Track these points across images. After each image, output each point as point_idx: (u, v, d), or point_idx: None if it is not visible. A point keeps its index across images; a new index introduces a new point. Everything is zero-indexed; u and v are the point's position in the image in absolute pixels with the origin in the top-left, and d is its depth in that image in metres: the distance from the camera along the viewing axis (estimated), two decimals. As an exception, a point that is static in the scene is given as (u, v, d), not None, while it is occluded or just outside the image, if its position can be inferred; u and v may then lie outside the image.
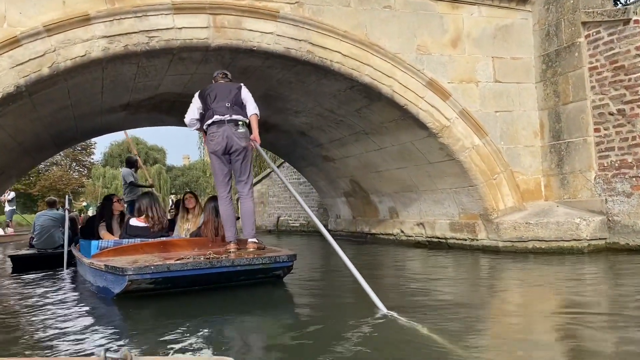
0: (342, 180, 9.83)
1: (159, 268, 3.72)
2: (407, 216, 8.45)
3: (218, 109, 4.74)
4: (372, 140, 7.73)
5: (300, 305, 3.98)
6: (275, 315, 3.47)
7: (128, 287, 3.69)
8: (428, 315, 3.23)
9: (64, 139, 8.45)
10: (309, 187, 13.47)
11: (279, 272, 4.36)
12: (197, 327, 3.03)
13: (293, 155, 10.52)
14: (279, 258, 4.18)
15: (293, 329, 3.08)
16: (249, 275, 4.19)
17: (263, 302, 3.90)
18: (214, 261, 3.87)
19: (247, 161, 4.79)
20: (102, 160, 52.88)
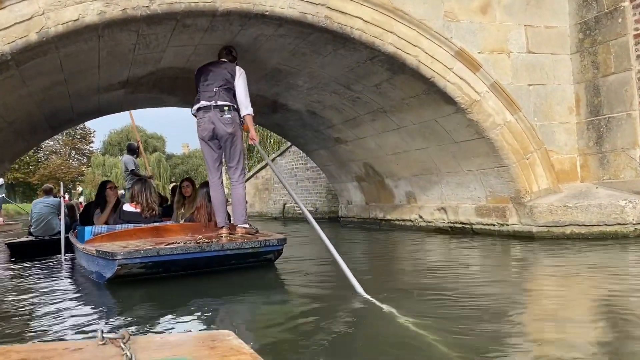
0: (354, 164, 9.29)
1: (148, 252, 3.72)
2: (427, 201, 7.92)
3: (205, 93, 4.69)
4: (391, 119, 7.17)
5: (291, 288, 3.93)
6: (266, 297, 3.46)
7: (119, 271, 3.69)
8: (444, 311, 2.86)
9: (59, 121, 7.88)
10: (316, 172, 12.95)
11: (269, 256, 4.36)
12: (188, 309, 3.06)
13: (302, 138, 9.96)
14: (269, 242, 4.21)
15: (282, 310, 3.10)
16: (239, 260, 4.19)
17: (254, 285, 3.86)
18: (204, 245, 3.89)
19: (236, 147, 4.69)
20: (102, 149, 52.49)
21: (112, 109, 8.70)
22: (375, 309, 2.82)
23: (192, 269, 4.04)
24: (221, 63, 5.05)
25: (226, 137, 4.62)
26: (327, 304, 3.19)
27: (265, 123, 9.86)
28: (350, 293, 3.17)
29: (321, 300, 3.30)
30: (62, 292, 3.95)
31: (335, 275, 4.03)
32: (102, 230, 4.78)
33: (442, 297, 3.26)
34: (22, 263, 5.92)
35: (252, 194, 16.72)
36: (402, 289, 3.56)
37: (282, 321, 2.78)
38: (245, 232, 4.59)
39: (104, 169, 45.34)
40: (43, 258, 6.16)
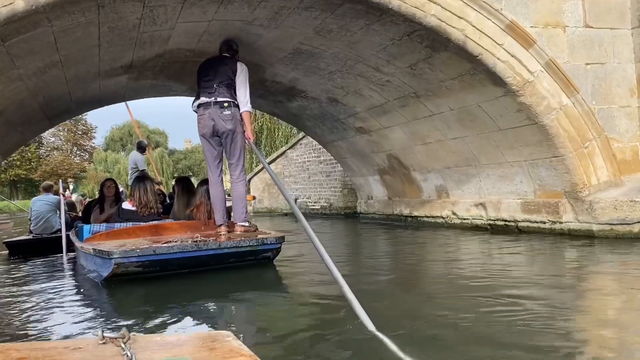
0: (377, 156, 8.56)
1: (145, 251, 3.67)
2: (462, 195, 7.20)
3: (206, 90, 4.65)
4: (424, 105, 6.43)
5: (289, 287, 3.82)
6: (263, 296, 3.38)
7: (115, 270, 3.64)
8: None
9: (56, 110, 7.19)
10: (330, 165, 12.24)
11: (268, 254, 4.32)
12: (185, 308, 3.00)
13: (319, 129, 9.23)
14: (267, 240, 4.16)
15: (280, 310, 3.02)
16: (238, 258, 4.15)
17: (252, 284, 3.75)
18: (201, 244, 3.84)
19: (236, 144, 4.61)
20: (104, 145, 52.05)
21: (114, 98, 7.99)
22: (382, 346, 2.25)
23: (190, 267, 3.95)
24: (222, 58, 4.95)
25: (226, 134, 4.54)
26: (327, 303, 3.02)
27: (279, 113, 9.15)
28: None
29: (320, 299, 3.10)
30: (60, 291, 3.85)
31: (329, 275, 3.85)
32: (101, 229, 4.74)
33: (493, 312, 2.65)
34: (21, 262, 5.76)
35: (261, 189, 16.03)
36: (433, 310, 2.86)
37: (279, 321, 2.71)
38: (244, 230, 4.52)
39: (106, 165, 44.92)
40: (43, 257, 5.96)
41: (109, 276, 3.70)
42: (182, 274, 3.95)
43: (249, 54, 6.22)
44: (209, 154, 4.70)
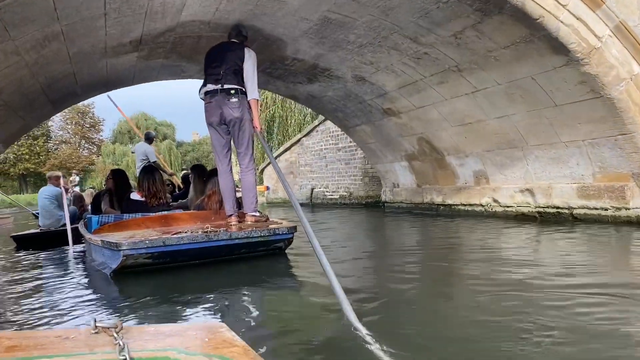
0: (406, 140, 7.92)
1: (154, 243, 3.56)
2: (504, 181, 6.56)
3: (212, 77, 4.52)
4: (466, 80, 5.78)
5: (301, 278, 3.62)
6: (275, 288, 3.26)
7: (124, 262, 3.54)
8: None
9: (60, 93, 6.60)
10: (350, 152, 11.62)
11: (280, 244, 4.23)
12: (194, 300, 2.90)
13: (341, 112, 8.59)
14: (278, 230, 4.05)
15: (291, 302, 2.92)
16: (249, 248, 4.04)
17: (264, 275, 3.61)
18: (212, 234, 3.74)
19: (244, 132, 4.46)
20: (112, 137, 51.85)
21: (122, 81, 7.40)
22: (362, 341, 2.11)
23: (201, 258, 3.85)
24: (230, 44, 4.75)
25: (234, 122, 4.41)
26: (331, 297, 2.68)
27: (298, 95, 8.51)
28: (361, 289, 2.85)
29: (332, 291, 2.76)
30: (63, 282, 3.73)
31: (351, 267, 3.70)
32: (109, 220, 4.63)
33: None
34: (27, 255, 5.66)
35: (275, 178, 15.44)
36: None
37: (290, 314, 2.63)
38: (254, 221, 4.40)
39: (114, 157, 44.83)
40: (52, 249, 5.92)
41: (117, 268, 3.58)
42: (192, 265, 3.83)
43: (269, 26, 5.60)
44: (216, 142, 4.55)
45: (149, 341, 1.10)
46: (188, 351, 1.04)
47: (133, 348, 1.03)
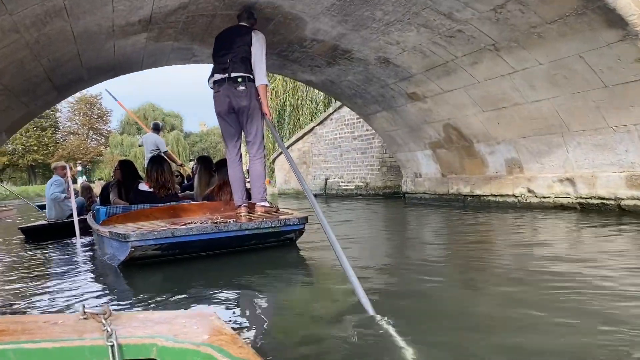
0: (430, 127, 7.47)
1: (162, 234, 3.49)
2: (541, 170, 6.10)
3: (219, 66, 4.45)
4: (503, 60, 5.31)
5: (312, 270, 3.53)
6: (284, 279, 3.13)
7: (132, 253, 3.48)
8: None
9: (65, 78, 6.21)
10: (366, 141, 11.18)
11: (290, 235, 4.15)
12: (201, 291, 2.80)
13: (360, 98, 8.14)
14: (289, 221, 3.97)
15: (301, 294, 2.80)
16: (259, 239, 3.97)
17: (274, 266, 3.54)
18: (221, 225, 3.66)
19: (253, 120, 4.38)
20: (119, 128, 51.84)
21: (130, 65, 7.00)
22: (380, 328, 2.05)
23: (210, 249, 3.80)
24: (238, 30, 4.60)
25: (242, 110, 4.34)
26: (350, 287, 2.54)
27: (314, 80, 8.06)
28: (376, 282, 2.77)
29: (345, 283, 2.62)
30: (72, 274, 3.66)
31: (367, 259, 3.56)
32: (117, 211, 4.56)
33: None
34: (35, 246, 5.63)
35: (287, 169, 15.03)
36: None
37: (302, 306, 2.54)
38: (264, 211, 4.33)
39: (122, 148, 44.88)
40: (60, 241, 5.95)
41: (126, 260, 3.52)
42: (201, 256, 3.77)
43: (288, 3, 5.17)
44: (225, 132, 4.50)
45: (137, 328, 1.09)
46: (176, 338, 1.03)
47: (121, 334, 1.02)
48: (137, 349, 1.03)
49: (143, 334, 1.06)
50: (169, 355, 1.02)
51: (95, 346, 1.01)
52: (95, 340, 1.01)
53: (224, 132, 4.52)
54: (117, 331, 1.03)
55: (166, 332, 1.07)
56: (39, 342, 1.00)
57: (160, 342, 1.03)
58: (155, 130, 8.63)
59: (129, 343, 1.02)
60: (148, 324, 1.13)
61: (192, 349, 1.02)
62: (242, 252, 3.89)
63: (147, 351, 1.03)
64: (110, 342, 0.99)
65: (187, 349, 1.02)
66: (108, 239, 3.83)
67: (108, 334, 1.01)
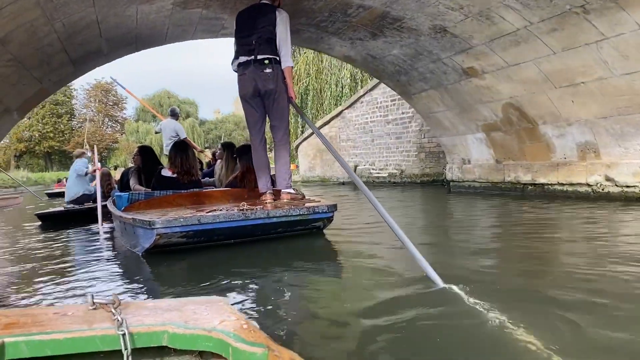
0: (486, 107, 6.67)
1: (189, 221, 3.34)
2: (624, 155, 5.30)
3: (244, 47, 4.23)
4: (592, 25, 4.50)
5: (341, 259, 3.26)
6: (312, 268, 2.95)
7: (157, 241, 3.31)
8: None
9: (82, 50, 5.54)
10: (401, 125, 10.40)
11: (318, 223, 3.96)
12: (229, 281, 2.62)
13: (406, 74, 7.35)
14: (317, 208, 3.82)
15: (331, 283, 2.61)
16: (286, 227, 3.81)
17: (302, 255, 3.35)
18: (248, 212, 3.53)
19: (279, 104, 4.22)
20: (135, 115, 51.76)
21: (153, 37, 6.30)
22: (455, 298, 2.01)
23: (236, 237, 3.69)
24: (261, 8, 4.33)
25: (269, 94, 4.17)
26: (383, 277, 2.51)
27: (353, 56, 7.30)
28: (417, 273, 2.43)
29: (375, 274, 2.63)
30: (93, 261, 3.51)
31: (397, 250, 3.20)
32: (140, 198, 4.40)
33: None
34: (54, 234, 5.39)
35: (311, 155, 14.32)
36: None
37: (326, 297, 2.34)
38: (290, 198, 4.21)
39: (138, 135, 44.86)
40: (76, 228, 5.78)
41: (150, 247, 3.37)
42: (226, 244, 3.65)
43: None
44: (250, 117, 4.32)
45: (147, 316, 1.09)
46: (187, 325, 1.03)
47: (131, 323, 1.03)
48: (149, 337, 1.02)
49: (154, 321, 1.05)
50: (180, 341, 1.02)
51: (107, 335, 1.00)
52: (106, 330, 1.01)
53: (248, 116, 4.33)
54: (127, 320, 1.02)
55: (176, 319, 1.06)
56: (51, 334, 1.00)
57: (171, 329, 1.02)
58: (173, 117, 8.45)
59: (140, 331, 1.02)
60: (158, 312, 1.12)
61: (204, 335, 1.01)
62: (269, 240, 3.75)
63: (158, 339, 1.02)
64: (121, 331, 0.99)
65: (198, 335, 1.01)
66: (131, 225, 3.69)
67: (119, 323, 1.00)
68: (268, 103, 4.22)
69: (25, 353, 0.98)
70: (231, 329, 1.01)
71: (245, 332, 1.00)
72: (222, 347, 0.99)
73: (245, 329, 1.02)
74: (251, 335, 1.00)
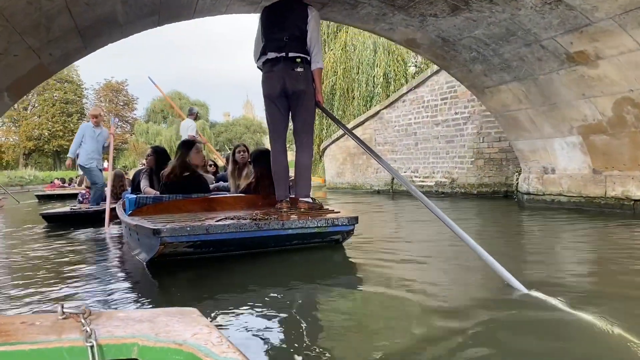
0: (589, 103, 5.36)
1: (196, 230, 3.12)
2: None
3: (273, 43, 3.99)
4: None
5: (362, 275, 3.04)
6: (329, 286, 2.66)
7: (162, 250, 3.13)
8: None
9: (93, 17, 4.32)
10: (454, 127, 9.13)
11: (337, 236, 3.76)
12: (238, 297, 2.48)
13: (483, 62, 6.05)
14: (337, 220, 3.57)
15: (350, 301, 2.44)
16: (302, 240, 3.61)
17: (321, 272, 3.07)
18: (261, 223, 3.30)
19: (306, 106, 3.99)
20: (145, 116, 51.62)
21: (181, 9, 5.08)
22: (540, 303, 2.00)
23: (248, 248, 3.47)
24: (291, 4, 4.07)
25: (297, 95, 3.92)
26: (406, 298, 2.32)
27: (418, 39, 6.03)
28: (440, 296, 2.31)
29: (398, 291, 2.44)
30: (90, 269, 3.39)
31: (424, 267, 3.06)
32: (148, 201, 4.20)
33: None
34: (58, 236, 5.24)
35: (341, 160, 13.04)
36: None
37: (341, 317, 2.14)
38: (308, 207, 3.92)
39: (148, 136, 44.83)
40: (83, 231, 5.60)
41: (154, 257, 3.14)
42: (236, 255, 3.42)
43: None
44: (273, 118, 4.08)
45: (118, 327, 1.07)
46: (158, 337, 1.02)
47: (101, 334, 1.02)
48: (118, 349, 1.01)
49: (124, 333, 1.03)
50: (150, 354, 1.00)
51: (75, 347, 0.99)
52: (74, 341, 1.00)
53: (271, 117, 4.07)
54: (97, 331, 1.01)
55: (147, 330, 1.05)
56: (16, 344, 0.98)
57: (141, 341, 1.01)
58: (190, 116, 8.67)
59: (109, 343, 1.01)
60: (129, 323, 1.10)
61: (174, 348, 0.99)
62: (283, 252, 3.56)
63: (128, 351, 1.01)
64: (89, 343, 0.98)
65: (168, 348, 1.00)
66: (135, 232, 3.56)
67: (87, 334, 0.99)
68: (294, 104, 3.98)
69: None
70: (202, 342, 0.99)
71: (217, 346, 0.98)
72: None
73: (217, 342, 0.99)
74: (222, 349, 0.97)
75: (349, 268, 3.27)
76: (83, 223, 6.12)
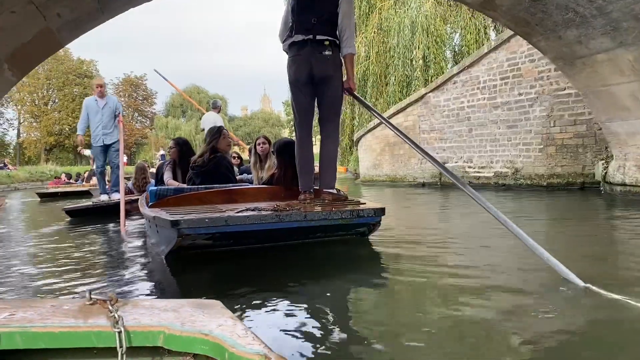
0: None
1: (215, 221, 3.00)
2: None
3: (301, 25, 3.76)
4: None
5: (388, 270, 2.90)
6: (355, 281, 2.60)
7: (180, 242, 3.06)
8: None
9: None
10: (518, 110, 8.12)
11: (362, 229, 3.66)
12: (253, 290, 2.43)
13: (580, 25, 4.98)
14: (362, 212, 3.41)
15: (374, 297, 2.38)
16: (326, 232, 3.55)
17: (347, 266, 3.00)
18: (283, 215, 3.15)
19: (334, 93, 3.82)
20: (164, 111, 51.70)
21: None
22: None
23: (269, 241, 3.45)
24: None
25: (324, 80, 3.75)
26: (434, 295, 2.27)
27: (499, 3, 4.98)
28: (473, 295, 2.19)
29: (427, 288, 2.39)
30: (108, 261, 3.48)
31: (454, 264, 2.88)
32: (169, 193, 4.18)
33: None
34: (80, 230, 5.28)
35: (378, 150, 12.04)
36: None
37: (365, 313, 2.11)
38: (332, 199, 3.80)
39: (167, 130, 44.98)
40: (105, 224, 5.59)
41: (173, 249, 3.08)
42: (257, 247, 3.41)
43: None
44: (299, 105, 3.83)
45: (143, 315, 1.09)
46: (184, 327, 1.03)
47: (128, 321, 1.03)
48: (144, 336, 1.02)
49: (150, 321, 1.05)
50: (176, 343, 1.01)
51: (103, 332, 1.01)
52: (103, 327, 1.01)
53: (297, 105, 3.86)
54: (124, 318, 1.02)
55: (173, 319, 1.05)
56: (46, 326, 1.00)
57: (167, 330, 1.02)
58: (215, 109, 8.55)
59: (136, 330, 1.02)
60: (154, 312, 1.11)
61: (200, 338, 1.00)
62: (306, 245, 3.44)
63: (154, 339, 1.02)
64: (117, 329, 0.99)
65: (195, 338, 1.01)
66: (155, 224, 3.42)
67: (115, 321, 1.00)
68: (321, 91, 3.80)
69: (19, 344, 0.98)
70: (228, 333, 1.00)
71: (242, 338, 0.98)
72: (218, 350, 0.98)
73: (242, 334, 1.00)
74: (247, 340, 0.97)
75: (375, 262, 3.11)
76: (105, 215, 6.25)
